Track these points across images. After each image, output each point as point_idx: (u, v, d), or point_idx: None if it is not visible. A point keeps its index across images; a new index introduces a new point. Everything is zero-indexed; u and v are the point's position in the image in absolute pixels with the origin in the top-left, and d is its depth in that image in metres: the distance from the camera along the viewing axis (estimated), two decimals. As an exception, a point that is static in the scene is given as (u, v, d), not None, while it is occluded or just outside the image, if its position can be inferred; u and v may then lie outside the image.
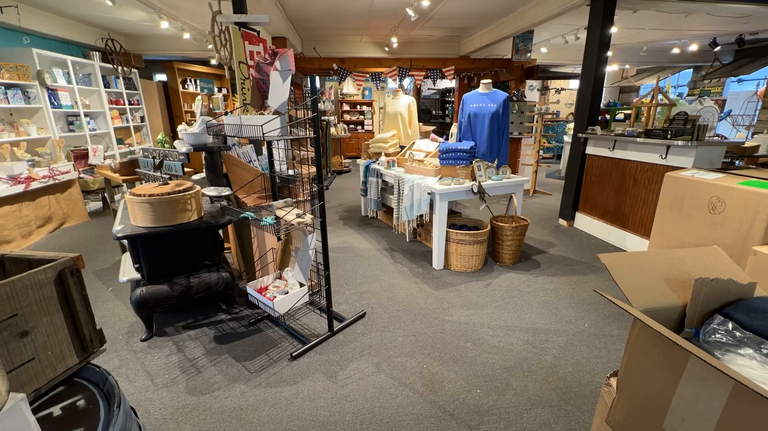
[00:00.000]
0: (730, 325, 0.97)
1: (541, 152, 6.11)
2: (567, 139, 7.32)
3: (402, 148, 4.27)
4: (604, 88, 4.57)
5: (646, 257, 1.19)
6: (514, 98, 6.15)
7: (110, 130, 5.85)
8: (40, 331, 0.94)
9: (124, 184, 3.77)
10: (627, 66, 9.60)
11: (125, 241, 2.47)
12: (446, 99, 11.57)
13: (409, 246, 3.74)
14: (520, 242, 3.25)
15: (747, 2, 4.37)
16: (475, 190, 3.05)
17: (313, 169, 1.99)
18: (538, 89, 9.62)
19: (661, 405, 0.92)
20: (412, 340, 2.24)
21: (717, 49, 6.69)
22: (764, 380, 0.83)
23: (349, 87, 9.99)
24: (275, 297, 2.10)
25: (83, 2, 4.70)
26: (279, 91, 1.86)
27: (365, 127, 10.24)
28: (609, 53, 3.98)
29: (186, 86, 7.61)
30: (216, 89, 8.37)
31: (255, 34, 2.91)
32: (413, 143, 4.13)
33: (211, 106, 4.88)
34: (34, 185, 3.88)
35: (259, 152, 2.94)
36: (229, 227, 3.04)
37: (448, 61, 7.59)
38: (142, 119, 6.88)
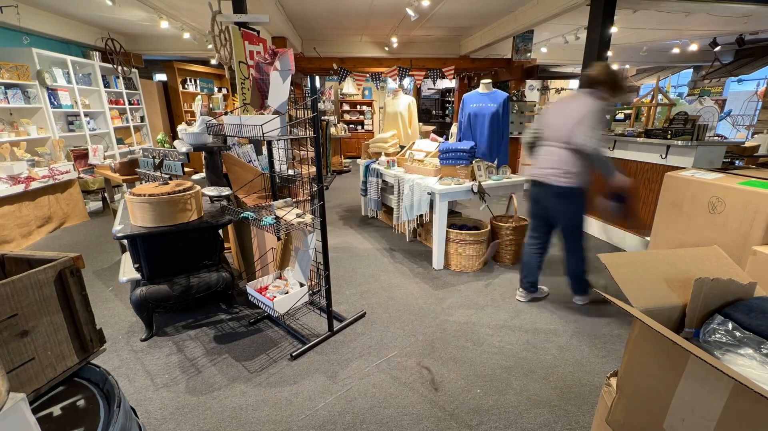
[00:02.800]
0: (729, 325, 0.97)
1: (541, 152, 6.10)
2: (567, 138, 7.30)
3: (402, 147, 4.27)
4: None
5: (646, 257, 1.19)
6: (514, 98, 6.16)
7: (110, 130, 5.85)
8: (40, 331, 0.94)
9: (124, 184, 3.77)
10: (627, 66, 9.60)
11: (125, 241, 2.47)
12: (446, 99, 11.56)
13: (409, 246, 3.74)
14: (521, 242, 3.25)
15: (747, 2, 4.37)
16: (475, 189, 3.05)
17: (313, 169, 1.98)
18: (538, 89, 9.62)
19: (661, 405, 0.92)
20: (412, 340, 2.24)
21: (717, 48, 6.68)
22: (764, 380, 0.83)
23: (349, 87, 9.99)
24: (275, 297, 2.10)
25: (83, 2, 4.70)
26: (279, 90, 1.86)
27: (365, 127, 10.24)
28: (609, 53, 3.98)
29: (186, 86, 7.61)
30: (216, 89, 8.37)
31: (255, 33, 2.91)
32: (413, 143, 4.13)
33: (211, 105, 4.88)
34: (34, 185, 3.87)
35: (259, 152, 2.94)
36: (229, 227, 3.04)
37: (448, 61, 7.59)
38: (142, 119, 6.88)
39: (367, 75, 7.04)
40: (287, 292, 2.18)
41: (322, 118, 7.26)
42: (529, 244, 2.59)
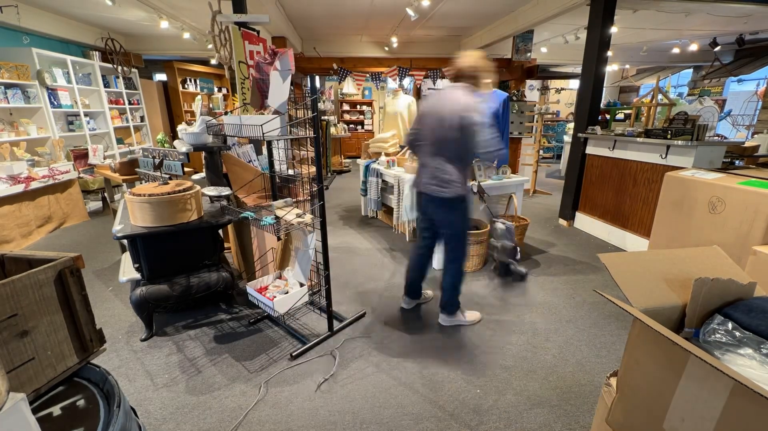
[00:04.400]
0: (729, 325, 0.97)
1: (541, 152, 6.11)
2: (567, 138, 7.31)
3: (402, 147, 4.27)
4: (604, 88, 4.56)
5: (646, 257, 1.19)
6: (514, 98, 6.15)
7: (110, 130, 5.85)
8: (40, 331, 0.93)
9: (124, 184, 3.77)
10: (627, 66, 9.60)
11: (125, 241, 2.47)
12: (446, 99, 11.54)
13: (409, 246, 3.73)
14: (520, 242, 3.25)
15: (747, 2, 4.37)
16: (475, 190, 3.04)
17: (313, 169, 1.98)
18: (538, 89, 9.62)
19: (661, 405, 0.92)
20: (412, 340, 2.24)
21: (717, 48, 6.68)
22: (764, 380, 0.83)
23: (349, 87, 9.98)
24: (275, 297, 2.10)
25: (83, 2, 4.70)
26: (279, 90, 1.86)
27: (365, 127, 10.24)
28: (609, 53, 3.98)
29: (186, 86, 7.61)
30: (216, 89, 8.37)
31: (255, 33, 2.90)
32: (413, 143, 4.12)
33: (211, 105, 4.88)
34: (34, 185, 3.87)
35: (259, 152, 2.94)
36: (229, 227, 3.04)
37: (448, 61, 7.59)
38: (142, 119, 6.87)
39: (367, 75, 7.04)
40: (287, 292, 2.18)
41: (322, 118, 7.26)
42: (416, 251, 2.46)
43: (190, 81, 7.73)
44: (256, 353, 2.13)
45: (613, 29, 3.83)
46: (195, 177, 3.38)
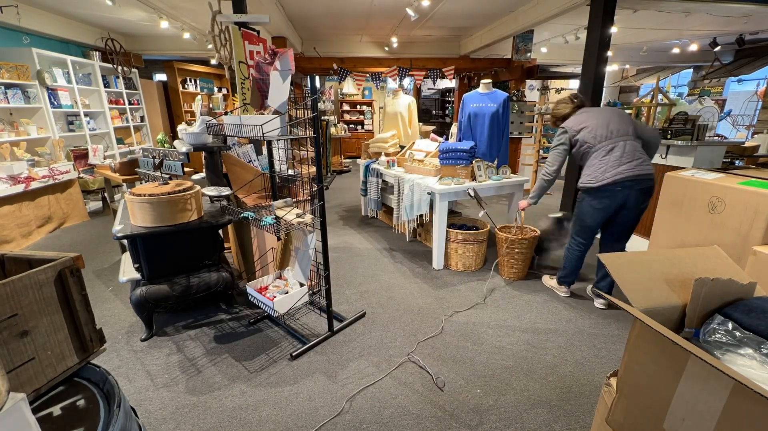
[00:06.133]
0: (729, 325, 0.97)
1: (541, 152, 6.11)
2: (567, 138, 7.29)
3: (402, 147, 4.27)
4: (604, 88, 4.55)
5: (646, 257, 1.19)
6: (514, 98, 6.15)
7: (110, 130, 5.85)
8: (40, 331, 0.93)
9: (124, 184, 3.77)
10: (627, 66, 9.60)
11: (125, 241, 2.47)
12: (446, 99, 11.56)
13: (409, 246, 3.74)
14: (529, 255, 2.98)
15: (747, 2, 4.37)
16: (472, 194, 3.03)
17: (313, 169, 1.98)
18: (538, 89, 9.62)
19: (661, 405, 0.92)
20: (412, 340, 2.24)
21: (717, 49, 6.68)
22: (764, 380, 0.83)
23: (349, 87, 9.99)
24: (275, 297, 2.10)
25: (83, 2, 4.70)
26: (279, 90, 1.86)
27: (365, 127, 10.24)
28: (609, 53, 3.97)
29: (186, 86, 7.61)
30: (216, 89, 8.37)
31: (255, 33, 2.90)
32: (413, 143, 4.13)
33: (211, 105, 4.88)
34: (34, 185, 3.87)
35: (259, 152, 2.94)
36: (229, 227, 3.04)
37: (448, 61, 7.58)
38: (142, 119, 6.87)
39: (367, 75, 7.03)
40: (287, 292, 2.18)
41: (322, 118, 7.26)
42: (583, 249, 2.63)
43: (190, 81, 7.73)
44: (256, 353, 2.13)
45: (613, 29, 3.82)
46: (195, 177, 3.38)
